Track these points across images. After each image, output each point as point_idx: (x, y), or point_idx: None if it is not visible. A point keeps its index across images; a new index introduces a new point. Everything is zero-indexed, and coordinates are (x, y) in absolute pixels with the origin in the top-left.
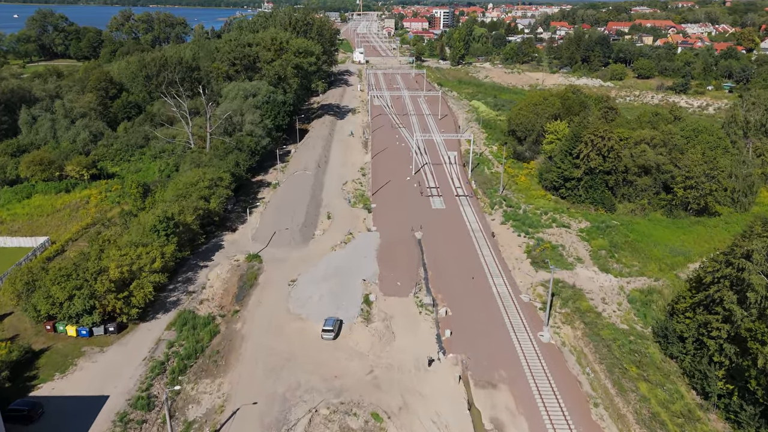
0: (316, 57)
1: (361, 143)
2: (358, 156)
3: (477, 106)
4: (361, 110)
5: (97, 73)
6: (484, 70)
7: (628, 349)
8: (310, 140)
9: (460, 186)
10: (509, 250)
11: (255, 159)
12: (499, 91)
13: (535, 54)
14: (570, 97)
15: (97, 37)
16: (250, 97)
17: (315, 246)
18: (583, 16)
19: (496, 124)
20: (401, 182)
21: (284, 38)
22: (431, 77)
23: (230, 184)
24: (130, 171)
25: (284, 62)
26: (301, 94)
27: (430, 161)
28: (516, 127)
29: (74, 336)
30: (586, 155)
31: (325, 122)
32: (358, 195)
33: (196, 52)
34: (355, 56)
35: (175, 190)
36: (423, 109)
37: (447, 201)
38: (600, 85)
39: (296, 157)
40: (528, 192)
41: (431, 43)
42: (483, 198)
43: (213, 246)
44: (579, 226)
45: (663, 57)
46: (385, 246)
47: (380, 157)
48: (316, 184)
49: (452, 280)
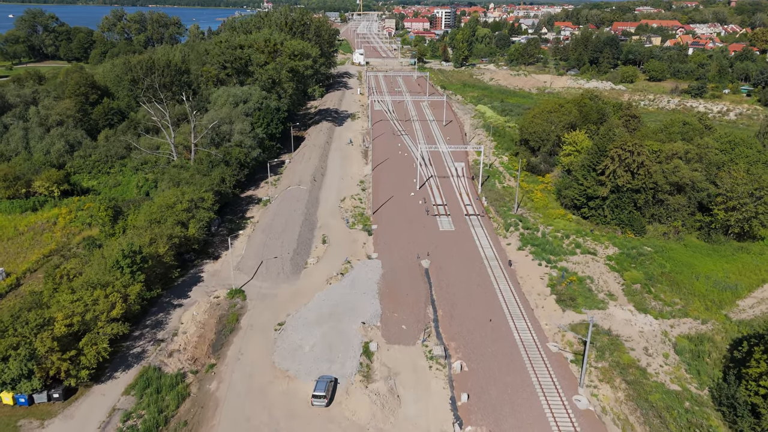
0: (312, 60)
1: (361, 152)
2: (358, 167)
3: (483, 111)
4: (360, 115)
5: (76, 76)
6: (489, 72)
7: (685, 420)
8: (306, 149)
9: (469, 203)
10: (530, 283)
11: (244, 173)
12: (506, 95)
13: (540, 55)
14: (587, 104)
15: (88, 37)
16: (240, 103)
17: (307, 278)
18: (587, 16)
19: (505, 131)
20: (405, 198)
21: (278, 40)
22: (434, 80)
23: (213, 205)
24: (107, 185)
25: (278, 65)
26: (296, 99)
27: (435, 174)
28: (529, 136)
29: (11, 404)
30: (613, 172)
31: (323, 129)
32: (357, 214)
33: (186, 54)
34: (354, 57)
35: (149, 215)
36: (426, 115)
37: (456, 221)
38: (611, 88)
39: (290, 168)
40: (546, 211)
41: (433, 43)
42: (496, 218)
43: (190, 279)
44: (606, 252)
45: (675, 58)
46: (387, 278)
47: (381, 169)
48: (311, 201)
49: (466, 323)
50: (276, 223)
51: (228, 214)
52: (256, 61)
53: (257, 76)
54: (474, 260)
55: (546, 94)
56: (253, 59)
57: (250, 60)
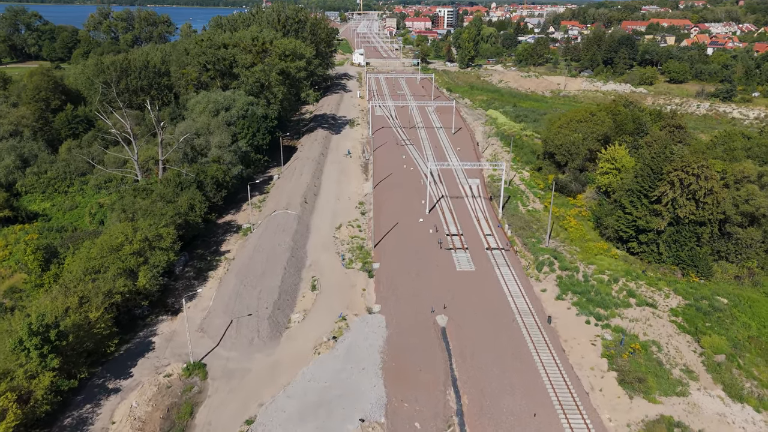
0: (306, 61)
1: (360, 166)
2: (357, 184)
3: (495, 117)
4: (360, 122)
5: (36, 79)
6: (497, 74)
7: None
8: (298, 163)
9: (490, 233)
10: (578, 350)
11: (221, 195)
12: (518, 98)
13: (550, 56)
14: (621, 112)
15: (72, 36)
16: (222, 111)
17: (290, 344)
18: (594, 15)
19: (522, 140)
20: (412, 225)
21: (267, 38)
22: (439, 81)
23: (174, 244)
24: (62, 208)
25: (267, 67)
26: (288, 104)
27: (447, 193)
28: (555, 149)
29: None
30: (672, 200)
31: (318, 138)
32: (355, 247)
33: (168, 54)
34: (354, 58)
35: (85, 261)
36: (432, 121)
37: (476, 257)
38: (631, 90)
39: (278, 187)
40: (584, 244)
41: (436, 43)
42: (524, 252)
43: (137, 347)
44: (668, 303)
45: (696, 59)
46: (393, 342)
47: (384, 187)
48: (300, 230)
49: (502, 419)
50: (255, 263)
51: (199, 248)
52: (241, 62)
53: (243, 79)
54: (503, 315)
55: (561, 97)
56: (239, 60)
57: (234, 61)
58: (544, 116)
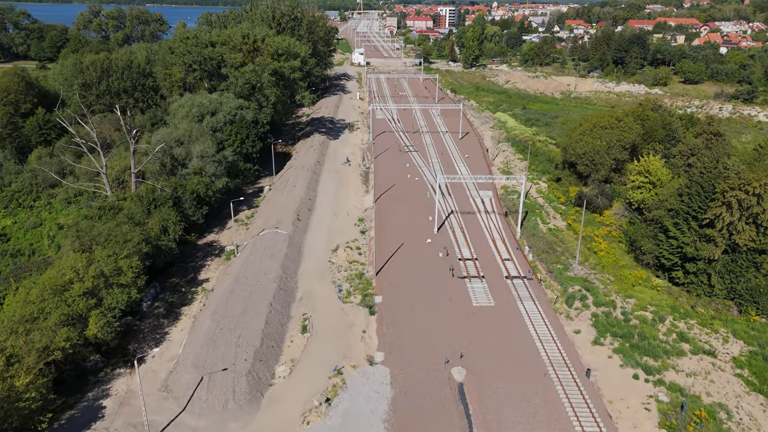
0: (302, 60)
1: (360, 175)
2: (356, 197)
3: (504, 121)
4: (360, 126)
5: (6, 80)
6: (503, 74)
7: None
8: (292, 172)
9: (509, 257)
10: (628, 417)
11: (202, 212)
12: (526, 100)
13: (557, 55)
14: (650, 117)
15: (61, 35)
16: (207, 115)
17: (272, 411)
18: (599, 13)
19: (535, 146)
20: (419, 247)
21: (259, 36)
22: (443, 82)
23: (138, 278)
24: (24, 226)
25: (259, 67)
26: (282, 107)
27: (457, 208)
28: (576, 159)
29: None
30: (728, 225)
31: (314, 144)
32: (353, 275)
33: (152, 53)
34: (354, 57)
35: (22, 306)
36: (437, 125)
37: (494, 288)
38: (646, 92)
39: (269, 200)
40: (617, 271)
41: (439, 42)
42: (549, 281)
43: (81, 417)
44: (729, 350)
45: (711, 59)
46: (401, 407)
47: (387, 200)
48: (291, 254)
49: None
50: (236, 298)
51: (174, 275)
52: (230, 61)
53: (231, 81)
54: (532, 367)
55: (572, 99)
56: (227, 60)
57: (223, 61)
58: (556, 119)
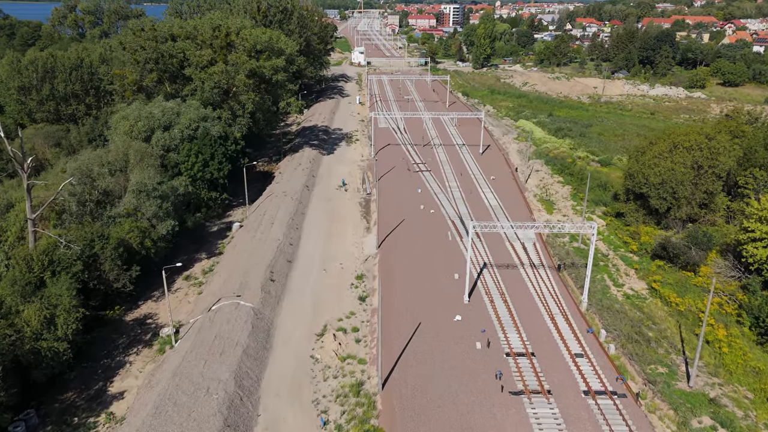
0: (287, 59)
1: (359, 205)
2: (354, 237)
3: (530, 131)
4: (360, 137)
5: None
6: (518, 75)
7: None
8: (271, 202)
9: (580, 350)
10: None
11: (130, 276)
12: (550, 105)
13: (576, 55)
14: (746, 134)
15: (34, 32)
16: (159, 130)
17: None
18: (611, 12)
19: (575, 164)
20: (444, 328)
21: (233, 27)
22: (453, 84)
23: None
24: None
25: (231, 67)
26: (264, 117)
27: (490, 258)
28: (649, 189)
29: None
30: None
31: (303, 161)
32: (347, 389)
33: (108, 50)
34: (353, 57)
35: None
36: (452, 136)
37: (569, 415)
38: (686, 95)
39: (236, 245)
40: (754, 380)
41: (445, 41)
42: (652, 399)
43: None
44: None
45: (752, 58)
46: None
47: (394, 244)
48: (255, 346)
49: None
50: None
51: (71, 385)
52: (194, 60)
53: (196, 84)
54: None
55: (602, 103)
56: (191, 58)
57: (186, 59)
58: (590, 129)
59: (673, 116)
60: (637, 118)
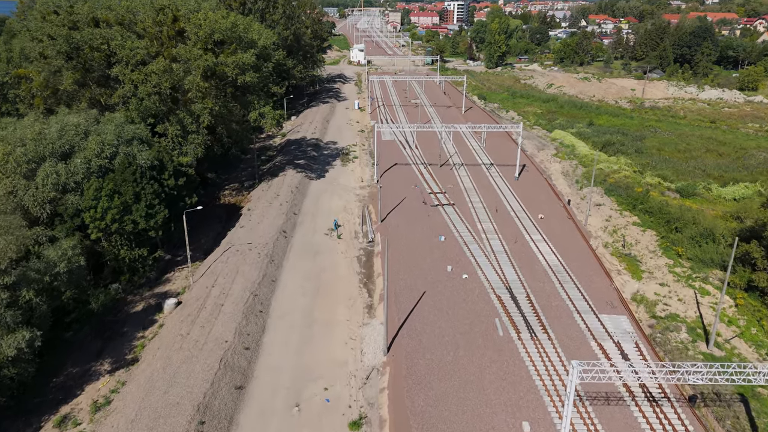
0: (256, 55)
1: (357, 262)
2: (347, 331)
3: (570, 144)
4: (358, 153)
5: None
6: (539, 75)
7: None
8: (227, 261)
9: None
10: None
11: None
12: (585, 111)
13: (600, 54)
14: None
15: None
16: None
17: None
18: (624, 8)
19: (648, 196)
20: None
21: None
22: (467, 86)
23: None
24: None
25: (179, 65)
26: (231, 134)
27: (563, 356)
28: None
29: None
30: None
31: (282, 190)
32: None
33: None
34: (352, 55)
35: None
36: (474, 152)
37: None
38: (745, 100)
39: (157, 350)
40: None
41: (452, 38)
42: None
43: None
44: None
45: None
46: None
47: (413, 343)
48: None
49: None
50: None
51: None
52: (123, 54)
53: (127, 89)
54: None
55: (647, 109)
56: (117, 50)
57: (113, 53)
58: (643, 142)
59: (740, 125)
60: (696, 127)
